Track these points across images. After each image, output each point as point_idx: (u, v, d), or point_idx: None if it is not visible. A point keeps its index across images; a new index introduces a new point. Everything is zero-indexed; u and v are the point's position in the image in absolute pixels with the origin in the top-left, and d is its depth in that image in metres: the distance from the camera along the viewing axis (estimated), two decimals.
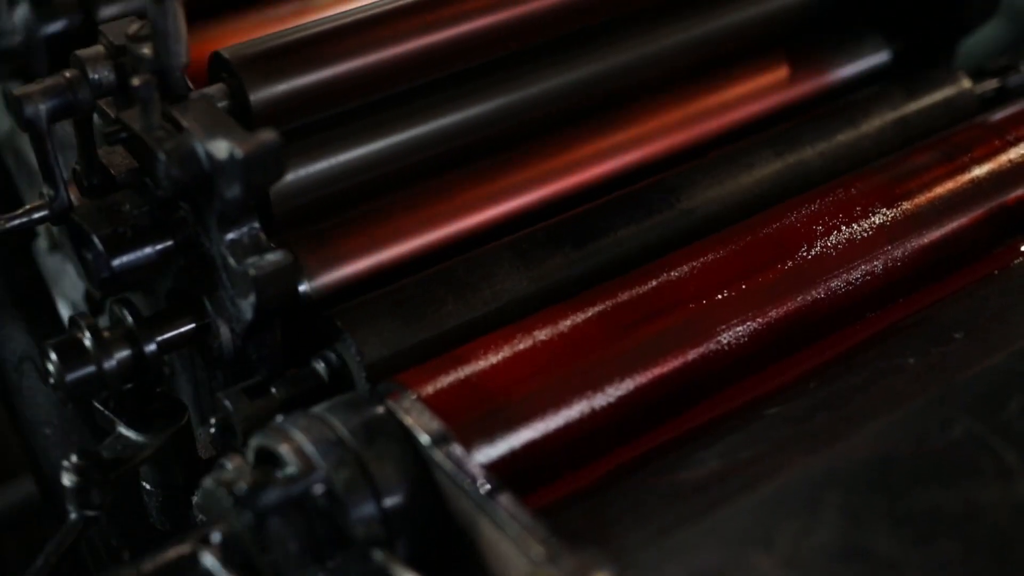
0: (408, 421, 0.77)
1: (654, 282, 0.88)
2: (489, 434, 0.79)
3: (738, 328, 0.87)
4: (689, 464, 0.78)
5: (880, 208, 0.95)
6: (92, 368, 0.87)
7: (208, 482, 0.78)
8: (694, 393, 0.85)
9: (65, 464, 0.86)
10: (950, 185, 0.98)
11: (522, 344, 0.84)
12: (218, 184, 0.80)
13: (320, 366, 0.88)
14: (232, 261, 0.83)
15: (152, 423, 0.92)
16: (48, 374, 0.89)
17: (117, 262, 0.87)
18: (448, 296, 0.90)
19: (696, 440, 0.81)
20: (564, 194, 1.00)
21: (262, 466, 0.77)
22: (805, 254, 0.91)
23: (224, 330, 0.88)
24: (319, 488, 0.75)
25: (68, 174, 0.91)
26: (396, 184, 0.96)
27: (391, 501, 0.76)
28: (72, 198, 0.91)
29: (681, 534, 0.72)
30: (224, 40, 0.95)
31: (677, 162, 1.03)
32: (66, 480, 0.86)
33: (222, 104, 0.88)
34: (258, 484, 0.73)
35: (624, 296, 0.87)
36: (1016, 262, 0.96)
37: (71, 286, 1.26)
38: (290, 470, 0.75)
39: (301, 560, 0.74)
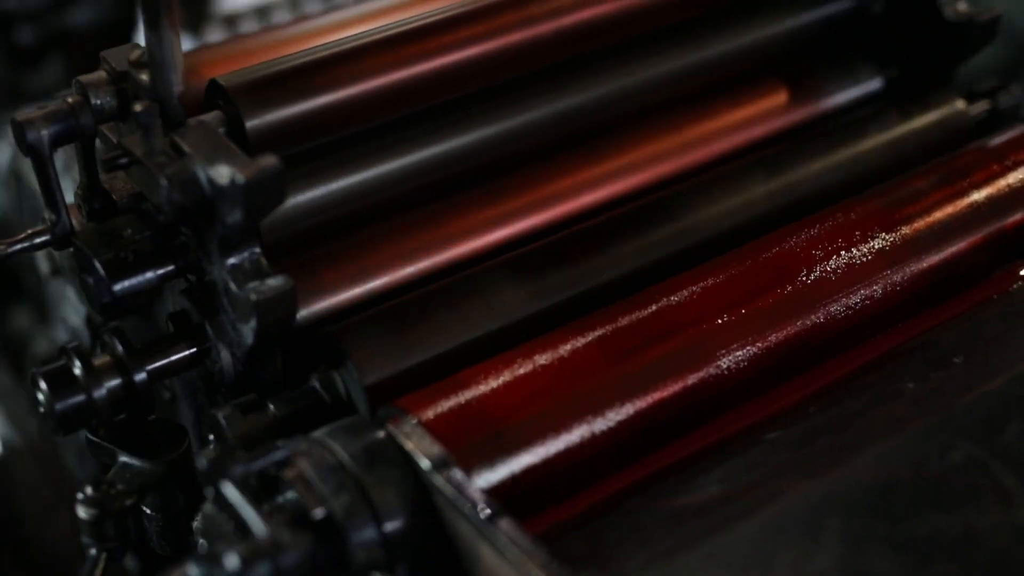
0: (408, 446, 0.77)
1: (654, 306, 0.89)
2: (489, 458, 0.79)
3: (738, 352, 0.87)
4: (689, 489, 0.78)
5: (879, 233, 0.95)
6: (82, 397, 0.87)
7: (208, 507, 0.78)
8: (694, 418, 0.85)
9: (80, 497, 0.86)
10: (949, 210, 0.98)
11: (522, 368, 0.84)
12: (220, 209, 0.80)
13: (317, 384, 0.88)
14: (233, 286, 0.83)
15: (154, 448, 0.92)
16: (38, 403, 0.89)
17: (119, 287, 0.88)
18: (446, 314, 0.90)
19: (696, 465, 0.81)
20: (555, 222, 1.00)
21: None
22: (804, 279, 0.91)
23: (225, 354, 0.88)
24: (319, 513, 0.75)
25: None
26: (386, 213, 0.96)
27: (392, 526, 0.76)
28: (74, 222, 0.92)
29: (681, 559, 0.72)
30: (218, 67, 0.95)
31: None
32: (82, 513, 0.86)
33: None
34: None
35: (624, 320, 0.87)
36: (1015, 287, 0.96)
37: (72, 311, 1.27)
38: (291, 495, 0.76)
39: None
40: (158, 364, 0.90)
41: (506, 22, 0.97)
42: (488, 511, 0.72)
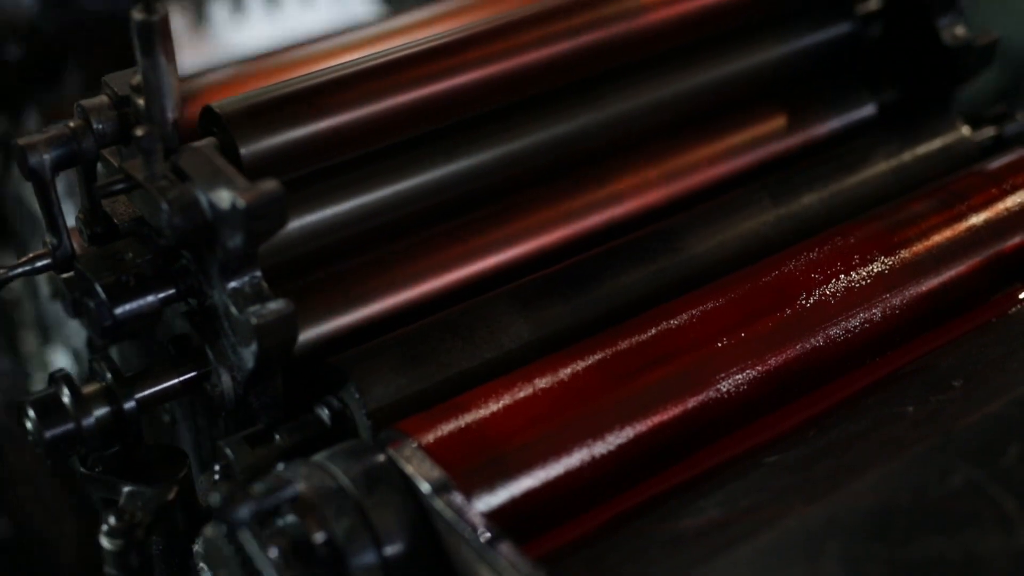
0: (409, 469, 0.77)
1: (653, 330, 0.89)
2: (490, 482, 0.79)
3: (737, 376, 0.87)
4: (689, 512, 0.78)
5: (878, 256, 0.95)
6: (71, 425, 0.87)
7: (209, 530, 0.78)
8: (694, 441, 0.85)
9: (104, 528, 0.86)
10: (948, 233, 0.98)
11: (522, 392, 0.84)
12: (221, 233, 0.80)
13: (323, 413, 0.88)
14: (234, 310, 0.83)
15: (154, 474, 0.91)
16: (27, 431, 0.89)
17: (120, 310, 0.88)
18: (449, 343, 0.90)
19: (696, 488, 0.81)
20: (556, 246, 1.00)
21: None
22: (804, 302, 0.92)
23: (226, 378, 0.88)
24: (320, 537, 0.75)
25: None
26: (379, 240, 0.96)
27: (392, 549, 0.76)
28: (75, 246, 0.92)
29: None
30: (217, 94, 0.95)
31: (665, 215, 1.03)
32: (108, 545, 0.86)
33: None
34: None
35: (624, 344, 0.88)
36: (1014, 310, 0.96)
37: (73, 333, 1.27)
38: (291, 519, 0.76)
39: None
40: (148, 392, 0.89)
41: (501, 48, 0.97)
42: (488, 535, 0.72)
